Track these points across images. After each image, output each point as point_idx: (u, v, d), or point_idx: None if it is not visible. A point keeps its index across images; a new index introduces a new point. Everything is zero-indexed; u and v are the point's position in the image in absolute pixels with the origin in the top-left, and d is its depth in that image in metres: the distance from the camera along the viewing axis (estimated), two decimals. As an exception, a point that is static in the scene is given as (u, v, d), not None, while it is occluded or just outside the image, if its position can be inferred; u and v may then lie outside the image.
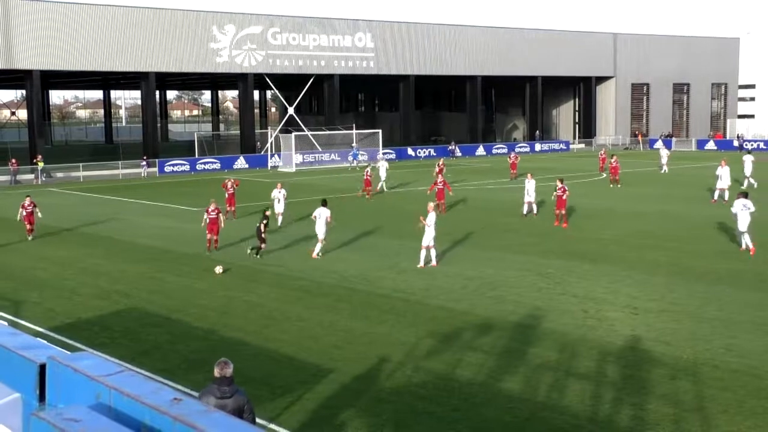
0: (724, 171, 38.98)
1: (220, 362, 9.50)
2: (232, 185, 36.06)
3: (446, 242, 27.79)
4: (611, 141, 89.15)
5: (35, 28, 60.13)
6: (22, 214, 30.40)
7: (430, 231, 23.95)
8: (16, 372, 3.14)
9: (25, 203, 30.54)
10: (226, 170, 64.22)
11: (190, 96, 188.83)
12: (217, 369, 9.38)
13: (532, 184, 34.55)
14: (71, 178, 60.45)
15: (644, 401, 12.86)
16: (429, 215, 24.13)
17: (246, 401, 9.32)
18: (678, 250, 26.23)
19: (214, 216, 27.32)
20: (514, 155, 54.23)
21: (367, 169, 46.30)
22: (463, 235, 29.62)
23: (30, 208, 30.36)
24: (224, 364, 9.45)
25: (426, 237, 24.01)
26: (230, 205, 35.30)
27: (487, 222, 33.15)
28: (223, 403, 9.00)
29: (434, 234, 24.06)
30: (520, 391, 13.47)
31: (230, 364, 9.52)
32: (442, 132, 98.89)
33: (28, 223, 30.27)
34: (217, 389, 9.10)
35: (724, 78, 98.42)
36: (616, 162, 48.38)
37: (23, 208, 30.39)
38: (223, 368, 9.39)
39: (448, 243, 27.65)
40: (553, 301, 19.48)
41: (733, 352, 15.24)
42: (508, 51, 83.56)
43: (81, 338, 16.89)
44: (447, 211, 35.70)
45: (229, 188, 35.80)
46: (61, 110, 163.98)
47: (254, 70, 70.12)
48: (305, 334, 17.08)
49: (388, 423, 12.23)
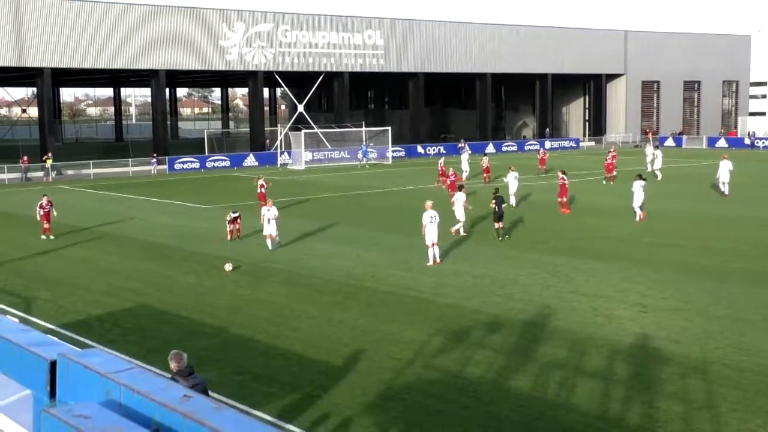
0: (724, 165, 40.47)
1: (175, 355, 9.36)
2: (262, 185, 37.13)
3: (456, 240, 27.78)
4: (621, 139, 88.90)
5: (46, 26, 60.36)
6: (40, 213, 30.48)
7: (433, 227, 23.90)
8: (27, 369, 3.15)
9: (42, 202, 30.62)
10: (235, 168, 64.35)
11: (200, 93, 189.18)
12: (174, 362, 9.26)
13: (513, 176, 36.88)
14: (82, 175, 60.68)
15: (654, 399, 12.83)
16: (425, 213, 24.13)
17: (206, 387, 9.26)
18: (688, 248, 26.14)
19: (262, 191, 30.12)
20: (543, 151, 55.55)
21: (440, 161, 49.11)
22: (473, 232, 29.58)
23: (47, 207, 30.46)
24: (179, 356, 9.35)
25: (429, 234, 23.93)
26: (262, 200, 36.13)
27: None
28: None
29: (437, 231, 23.99)
30: (530, 389, 13.46)
31: (184, 355, 9.42)
32: (451, 130, 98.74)
33: (45, 222, 30.37)
34: (185, 380, 8.83)
35: (736, 75, 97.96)
36: (612, 159, 48.48)
37: (41, 207, 30.46)
38: (179, 360, 9.31)
39: (458, 240, 27.63)
40: (562, 299, 19.45)
41: (743, 350, 15.18)
42: (518, 48, 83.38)
43: (91, 335, 16.96)
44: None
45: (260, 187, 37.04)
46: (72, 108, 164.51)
47: (264, 67, 70.19)
48: (314, 331, 17.11)
49: (397, 420, 12.23)
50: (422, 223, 24.17)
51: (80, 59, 62.59)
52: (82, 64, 63.39)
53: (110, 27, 62.99)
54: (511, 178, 36.82)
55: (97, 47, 62.72)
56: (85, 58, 62.69)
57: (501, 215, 28.23)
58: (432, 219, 23.93)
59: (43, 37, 60.27)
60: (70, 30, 61.34)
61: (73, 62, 62.57)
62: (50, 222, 30.52)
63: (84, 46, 62.19)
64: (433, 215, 23.98)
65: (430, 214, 24.01)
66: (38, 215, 30.54)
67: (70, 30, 61.34)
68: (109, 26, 62.93)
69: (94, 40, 62.37)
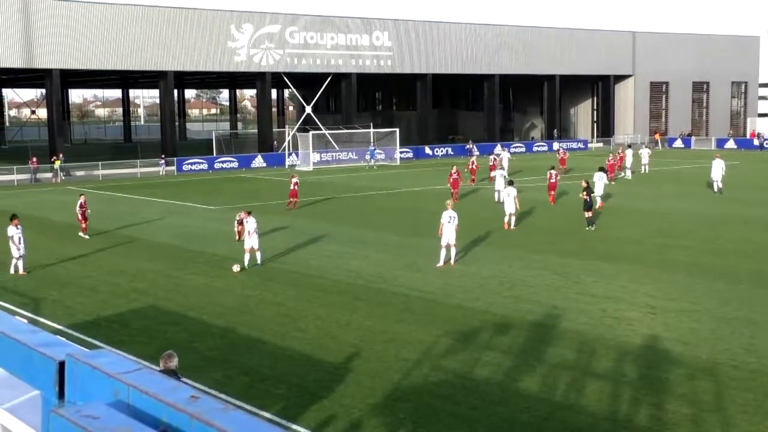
0: (717, 164, 42.10)
1: (165, 355, 9.35)
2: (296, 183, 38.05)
3: (464, 241, 27.77)
4: (629, 140, 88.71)
5: (55, 28, 60.55)
6: (78, 213, 30.59)
7: (450, 228, 23.81)
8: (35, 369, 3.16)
9: (81, 202, 30.76)
10: (243, 169, 64.46)
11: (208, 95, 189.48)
12: (162, 362, 9.27)
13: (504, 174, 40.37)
14: (90, 176, 60.86)
15: (663, 401, 12.79)
16: (444, 212, 24.04)
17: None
18: (697, 249, 26.08)
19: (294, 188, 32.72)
20: (564, 151, 55.92)
21: (472, 159, 51.28)
22: (481, 233, 29.55)
23: (85, 206, 30.60)
24: (168, 357, 9.33)
25: (446, 235, 23.87)
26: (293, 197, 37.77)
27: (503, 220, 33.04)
28: None
29: (454, 232, 23.92)
30: (538, 390, 13.43)
31: (174, 356, 9.39)
32: (459, 131, 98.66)
33: (83, 221, 30.51)
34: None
35: (744, 76, 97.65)
36: (613, 159, 49.10)
37: (81, 207, 30.57)
38: (166, 362, 9.29)
39: (466, 241, 27.63)
40: (570, 301, 19.41)
41: (752, 352, 15.12)
42: (526, 49, 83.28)
43: (100, 336, 17.01)
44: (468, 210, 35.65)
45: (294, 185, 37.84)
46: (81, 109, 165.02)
47: (272, 69, 70.27)
48: (322, 332, 17.11)
49: (405, 422, 12.22)
50: (440, 222, 24.04)
51: (89, 61, 62.78)
52: (91, 66, 63.58)
53: (119, 28, 63.16)
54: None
55: (105, 49, 62.89)
56: (93, 59, 62.86)
57: (590, 205, 30.96)
58: (450, 219, 23.79)
59: (52, 38, 60.45)
60: (78, 31, 61.53)
61: (82, 63, 62.76)
62: (87, 221, 30.75)
63: (92, 48, 62.37)
64: (452, 216, 23.81)
65: (449, 214, 23.84)
66: (78, 215, 30.67)
67: (78, 31, 61.53)
68: (117, 28, 63.10)
69: (102, 41, 62.55)
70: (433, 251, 24.20)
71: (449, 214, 23.86)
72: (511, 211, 31.02)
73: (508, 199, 31.18)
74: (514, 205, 30.98)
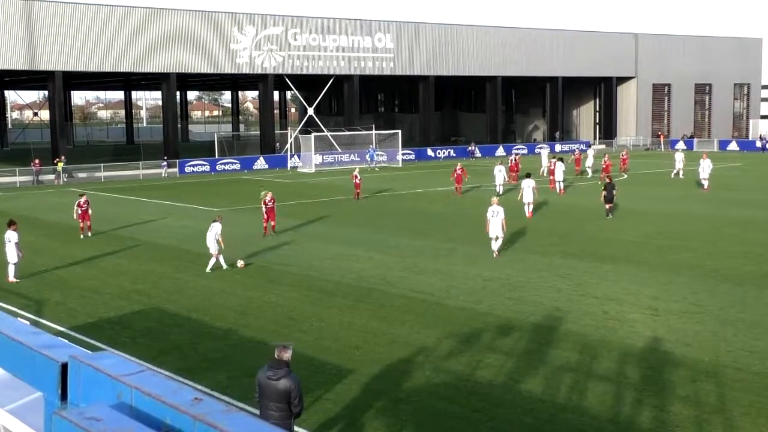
0: (705, 163, 45.34)
1: (279, 345, 9.79)
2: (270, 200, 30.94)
3: (466, 243, 27.75)
4: (632, 142, 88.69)
5: (58, 30, 60.60)
6: (78, 212, 30.61)
7: (496, 222, 24.90)
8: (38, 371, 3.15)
9: (80, 201, 30.76)
10: (246, 171, 64.48)
11: (210, 97, 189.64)
12: (276, 352, 9.63)
13: (502, 170, 43.58)
14: (93, 178, 60.90)
15: (665, 403, 12.77)
16: (490, 207, 25.26)
17: (294, 388, 9.46)
18: (700, 251, 26.04)
19: (270, 205, 29.77)
20: (578, 152, 56.84)
21: (511, 157, 53.42)
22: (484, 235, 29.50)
23: (85, 206, 30.60)
24: (282, 348, 9.68)
25: (493, 228, 25.02)
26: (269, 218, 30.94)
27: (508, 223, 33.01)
28: (269, 383, 9.37)
29: (500, 225, 25.02)
30: (541, 392, 13.42)
31: (288, 349, 9.72)
32: (461, 133, 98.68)
33: (81, 221, 30.52)
34: (268, 370, 9.50)
35: (747, 78, 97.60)
36: (609, 159, 49.61)
37: (79, 206, 30.60)
38: (280, 352, 9.61)
39: (468, 244, 27.61)
40: (573, 303, 19.39)
41: (756, 354, 15.10)
42: (528, 51, 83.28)
43: (102, 337, 17.00)
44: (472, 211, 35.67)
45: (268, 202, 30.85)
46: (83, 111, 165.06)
47: (274, 71, 70.30)
48: (324, 334, 17.10)
49: (407, 424, 12.21)
50: (486, 217, 25.32)
51: (91, 62, 62.84)
52: (93, 68, 63.65)
53: (121, 30, 63.21)
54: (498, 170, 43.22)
55: (108, 51, 62.94)
56: (96, 61, 62.93)
57: (611, 198, 33.22)
58: (494, 214, 25.03)
59: (55, 40, 60.50)
60: (81, 33, 61.58)
61: (85, 65, 62.82)
62: (89, 220, 30.82)
63: (95, 50, 62.42)
64: (496, 210, 25.06)
65: (493, 209, 25.16)
66: (75, 214, 30.69)
67: (81, 33, 61.58)
68: (120, 30, 63.16)
69: (105, 43, 62.60)
70: (436, 253, 24.29)
71: (494, 209, 25.17)
72: (530, 200, 33.72)
73: (527, 189, 33.85)
74: (533, 195, 33.84)
